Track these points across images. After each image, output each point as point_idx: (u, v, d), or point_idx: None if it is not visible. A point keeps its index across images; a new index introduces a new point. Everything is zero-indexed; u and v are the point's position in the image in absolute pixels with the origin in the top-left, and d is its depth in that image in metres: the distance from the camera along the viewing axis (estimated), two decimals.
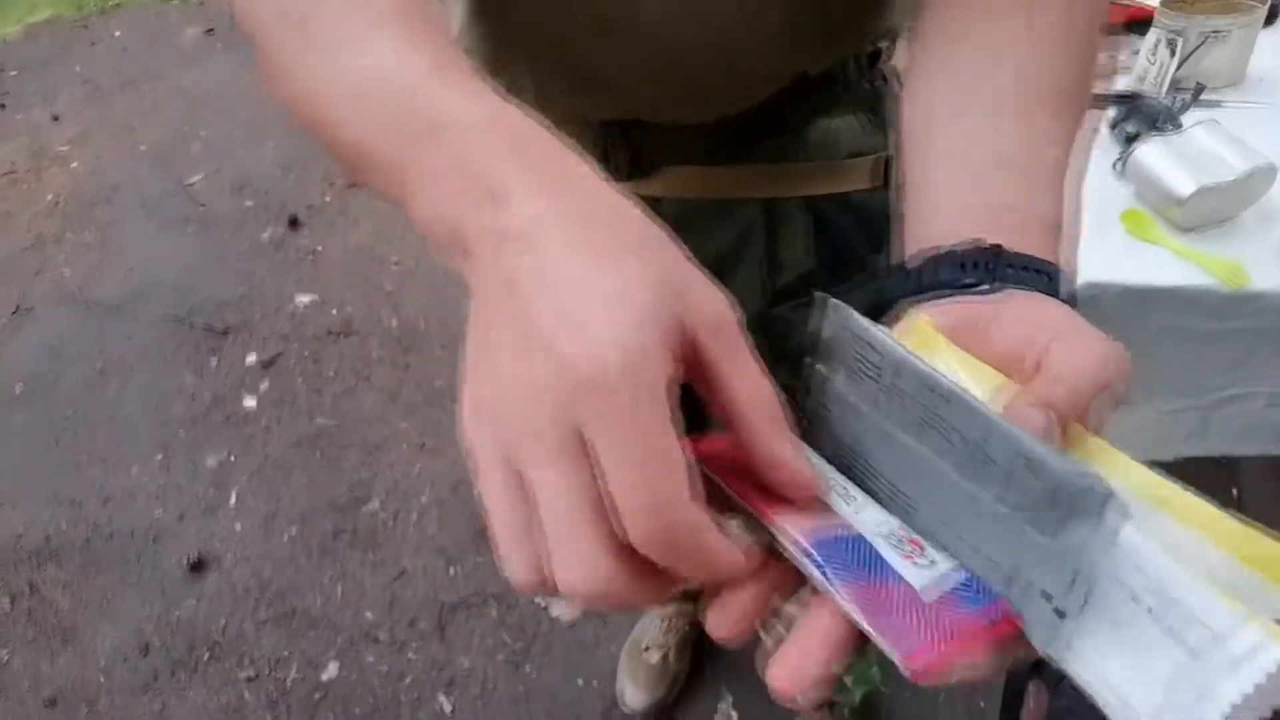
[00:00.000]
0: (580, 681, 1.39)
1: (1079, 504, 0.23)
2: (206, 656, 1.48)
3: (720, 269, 0.65)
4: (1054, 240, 0.36)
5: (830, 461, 0.31)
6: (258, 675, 1.45)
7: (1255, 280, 0.91)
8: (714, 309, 0.26)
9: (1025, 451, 0.24)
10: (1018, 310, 0.31)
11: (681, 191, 0.63)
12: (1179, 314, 0.94)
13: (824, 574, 0.26)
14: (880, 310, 0.35)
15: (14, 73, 3.06)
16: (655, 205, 0.60)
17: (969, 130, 0.39)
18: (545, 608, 1.50)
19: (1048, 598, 0.25)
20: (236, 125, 2.65)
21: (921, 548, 0.28)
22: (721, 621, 0.27)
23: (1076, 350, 0.29)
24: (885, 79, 0.64)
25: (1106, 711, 0.24)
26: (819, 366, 0.31)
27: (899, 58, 0.63)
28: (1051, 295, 0.33)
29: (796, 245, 0.65)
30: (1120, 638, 0.24)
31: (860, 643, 0.26)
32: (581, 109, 0.59)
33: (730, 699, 1.37)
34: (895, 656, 0.24)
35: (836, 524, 0.28)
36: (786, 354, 0.33)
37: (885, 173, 0.65)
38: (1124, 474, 0.27)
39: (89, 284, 2.18)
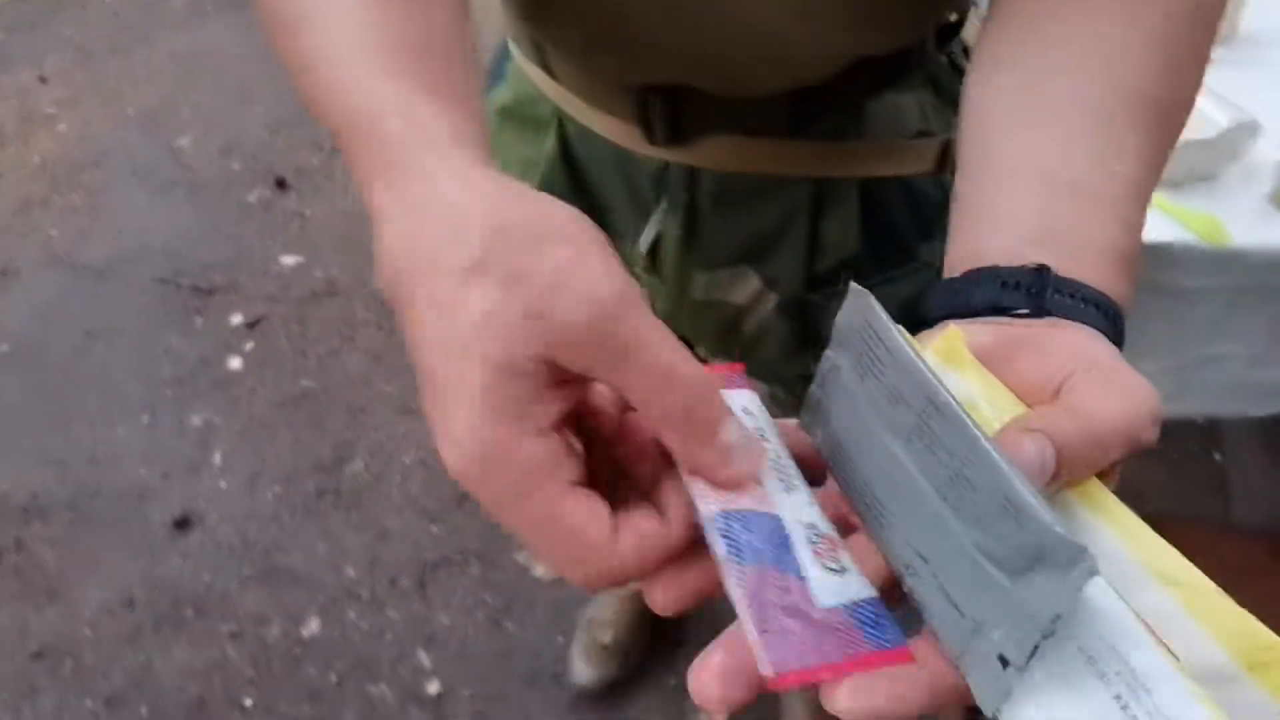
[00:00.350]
0: (560, 639, 1.40)
1: (1050, 554, 0.21)
2: (191, 613, 1.49)
3: (761, 248, 0.62)
4: (1114, 269, 0.32)
5: (819, 452, 0.30)
6: (241, 631, 1.47)
7: (1235, 237, 0.90)
8: (576, 331, 0.24)
9: (1008, 491, 0.22)
10: (1056, 340, 0.29)
11: (723, 164, 0.59)
12: (1157, 270, 0.93)
13: (724, 545, 0.24)
14: (913, 319, 0.32)
15: (1, 35, 3.03)
16: (693, 176, 0.59)
17: (1030, 142, 0.35)
18: (525, 567, 1.50)
19: (1004, 662, 0.22)
20: (225, 89, 2.62)
21: (836, 550, 0.26)
22: (656, 598, 0.26)
23: (1104, 387, 0.26)
24: (962, 53, 0.59)
25: None
26: (830, 353, 0.29)
27: (972, 30, 0.58)
28: (1101, 329, 0.30)
29: (843, 228, 0.60)
30: (1068, 704, 0.22)
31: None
32: (626, 70, 0.55)
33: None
34: (759, 655, 0.23)
35: (759, 501, 0.26)
36: (820, 341, 0.32)
37: (945, 157, 0.60)
38: (1134, 540, 0.25)
39: (76, 247, 2.17)
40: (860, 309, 0.27)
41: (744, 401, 0.30)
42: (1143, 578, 0.24)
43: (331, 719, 1.36)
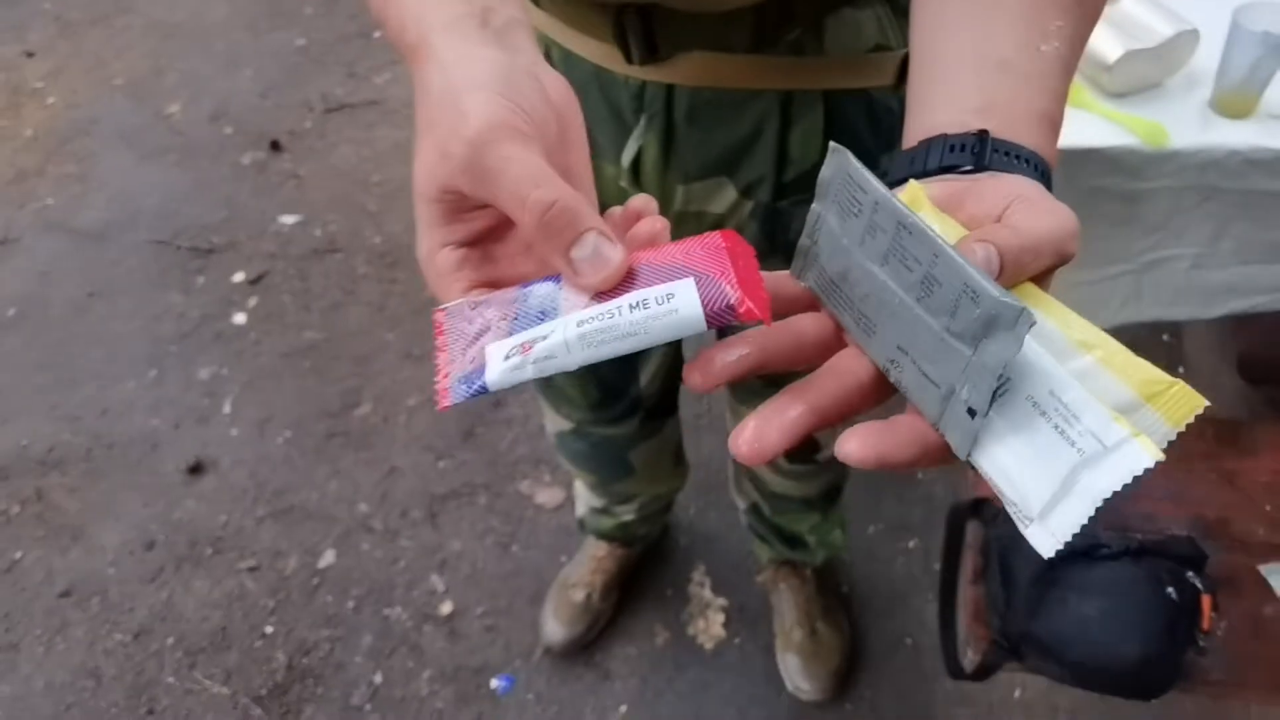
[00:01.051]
0: (564, 559, 1.48)
1: (999, 320, 0.27)
2: (209, 551, 1.56)
3: (734, 160, 0.67)
4: (1043, 131, 0.38)
5: (813, 292, 0.36)
6: (258, 565, 1.54)
7: (1174, 140, 0.98)
8: (457, 163, 0.32)
9: (966, 278, 0.28)
10: (994, 185, 0.35)
11: (697, 80, 0.63)
12: (1104, 175, 1.01)
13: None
14: None
15: None
16: (669, 93, 0.65)
17: (973, 32, 0.41)
18: (530, 496, 1.58)
19: (971, 413, 0.28)
20: (211, 55, 2.65)
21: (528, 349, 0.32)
22: (692, 375, 0.32)
23: (1035, 211, 0.32)
24: None
25: (1006, 505, 0.29)
26: (815, 206, 0.34)
27: None
28: (1032, 178, 0.36)
29: (807, 140, 0.65)
30: (1020, 439, 0.28)
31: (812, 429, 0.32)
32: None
33: (703, 567, 1.47)
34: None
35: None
36: (787, 246, 0.39)
37: (904, 71, 0.64)
38: (1062, 322, 0.31)
39: (72, 213, 2.21)
40: (840, 163, 0.33)
41: None
42: (1070, 347, 0.31)
43: (350, 640, 1.44)
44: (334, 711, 1.36)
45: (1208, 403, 0.29)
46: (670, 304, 0.31)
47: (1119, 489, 0.27)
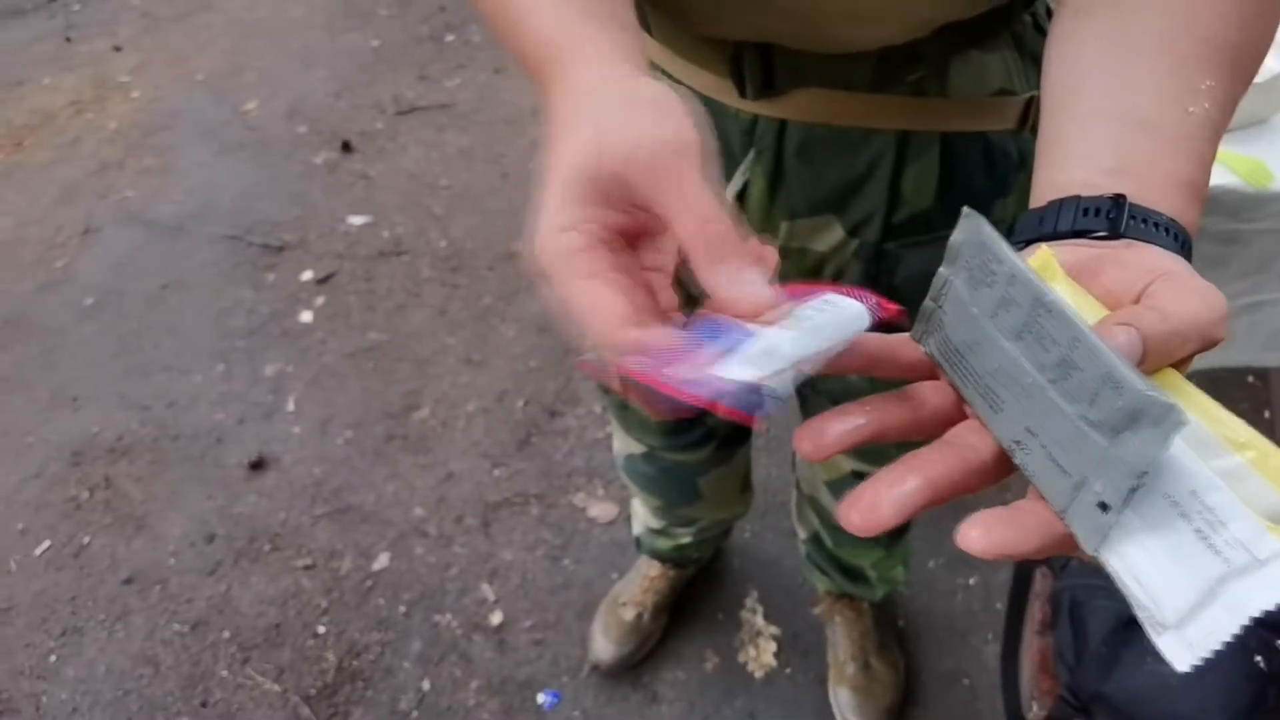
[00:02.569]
0: (615, 575, 1.47)
1: (1145, 415, 0.25)
2: (267, 547, 1.59)
3: (842, 197, 0.65)
4: (1183, 197, 0.36)
5: (933, 359, 0.34)
6: (314, 564, 1.56)
7: (1279, 180, 0.93)
8: (639, 158, 0.31)
9: (1110, 367, 0.26)
10: (1135, 256, 0.33)
11: (812, 116, 0.61)
12: (1201, 214, 0.96)
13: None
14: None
15: (77, 7, 3.15)
16: (780, 128, 0.64)
17: (1111, 85, 0.39)
18: (583, 509, 1.58)
19: (1104, 507, 0.26)
20: (288, 54, 2.71)
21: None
22: (802, 444, 0.31)
23: (1181, 291, 0.30)
24: (1045, 13, 0.61)
25: (1135, 609, 0.27)
26: (943, 270, 0.33)
27: None
28: (1171, 250, 0.34)
29: (922, 181, 0.63)
30: (1157, 540, 0.26)
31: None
32: (721, 28, 0.58)
33: (756, 594, 1.45)
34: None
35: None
36: (893, 288, 0.38)
37: (1027, 115, 0.62)
38: (1207, 415, 0.29)
39: (150, 206, 2.28)
40: (973, 229, 0.32)
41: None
42: (1217, 444, 0.29)
43: (400, 645, 1.44)
44: (381, 716, 1.37)
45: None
46: (836, 303, 0.32)
47: (1271, 608, 0.25)
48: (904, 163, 0.62)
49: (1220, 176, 0.94)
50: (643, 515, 1.28)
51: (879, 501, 0.29)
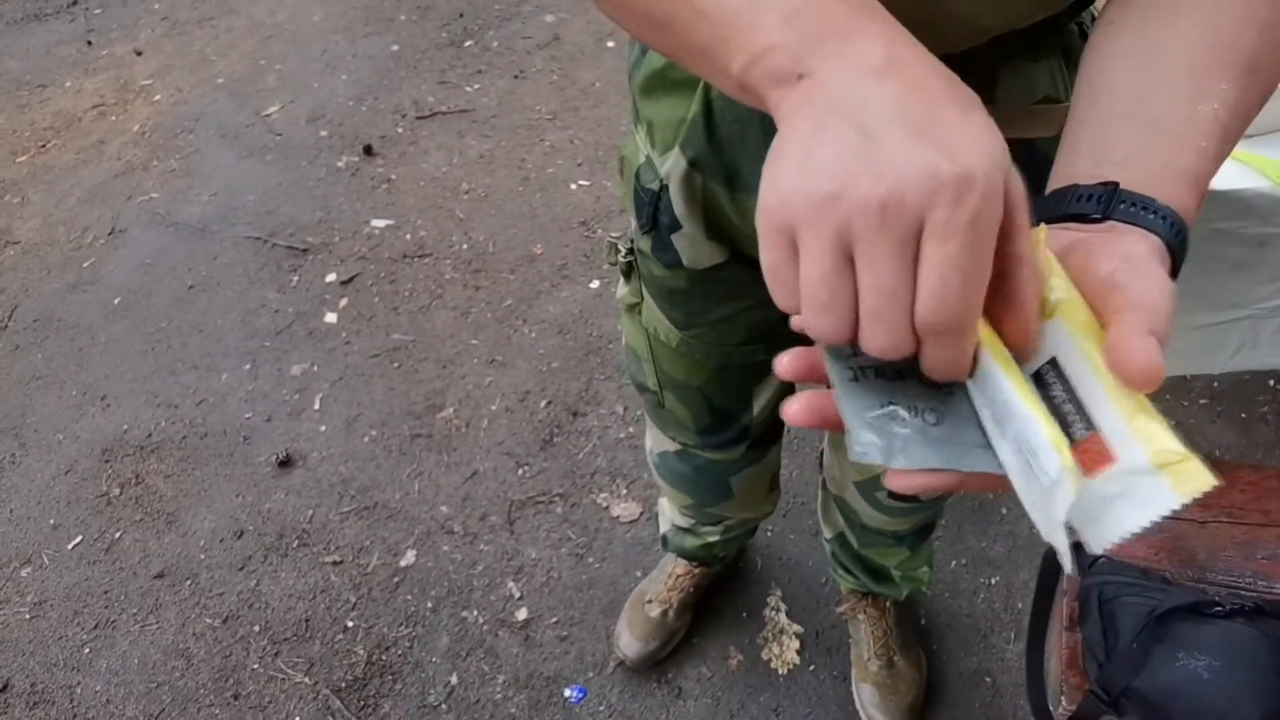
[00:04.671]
0: (639, 573, 1.48)
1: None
2: (295, 543, 1.61)
3: None
4: (1178, 185, 0.38)
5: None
6: (342, 560, 1.58)
7: None
8: (1020, 182, 0.31)
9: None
10: (1107, 241, 0.36)
11: None
12: (1230, 217, 0.97)
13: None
14: None
15: (98, 10, 3.18)
16: None
17: (1129, 89, 0.41)
18: (606, 508, 1.59)
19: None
20: (310, 58, 2.74)
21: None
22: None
23: (1145, 279, 0.34)
24: (1090, 22, 0.63)
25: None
26: None
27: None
28: (1161, 232, 0.37)
29: None
30: (1021, 481, 0.33)
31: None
32: None
33: (779, 593, 1.46)
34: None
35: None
36: None
37: None
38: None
39: (176, 207, 2.31)
40: None
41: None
42: (1108, 400, 0.33)
43: (428, 639, 1.46)
44: (411, 709, 1.39)
45: (1217, 482, 0.30)
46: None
47: (1063, 519, 0.30)
48: None
49: (1252, 180, 0.96)
50: (670, 513, 1.30)
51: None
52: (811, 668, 1.38)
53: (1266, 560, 0.99)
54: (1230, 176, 0.96)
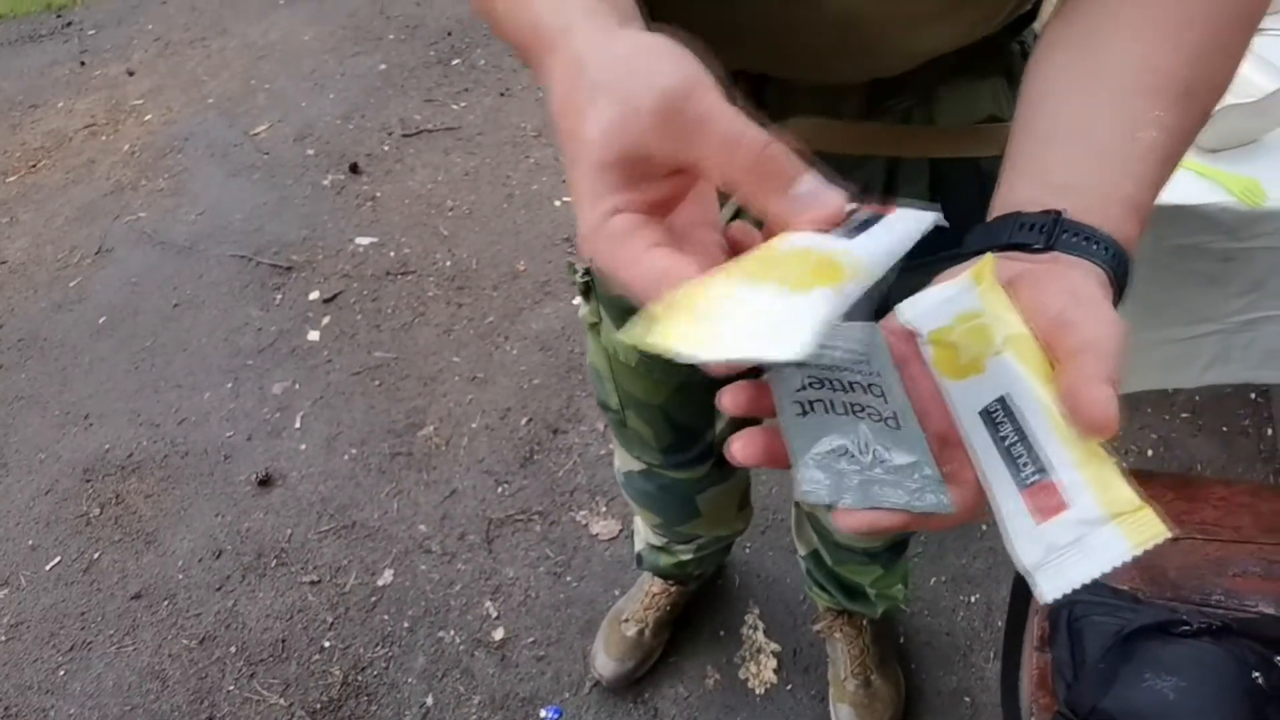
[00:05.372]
0: (616, 592, 1.47)
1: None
2: (274, 562, 1.60)
3: None
4: (1121, 213, 0.38)
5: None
6: (320, 580, 1.57)
7: (1273, 198, 0.94)
8: (652, 122, 0.30)
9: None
10: (1052, 277, 0.35)
11: (803, 144, 0.64)
12: (1197, 232, 0.97)
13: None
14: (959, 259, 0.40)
15: (92, 31, 3.21)
16: None
17: (1068, 111, 0.41)
18: (585, 525, 1.58)
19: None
20: (299, 78, 2.75)
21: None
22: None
23: (1096, 318, 0.33)
24: (1033, 41, 0.61)
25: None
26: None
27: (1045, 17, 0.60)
28: (1103, 262, 0.36)
29: None
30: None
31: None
32: (715, 57, 0.59)
33: (757, 610, 1.45)
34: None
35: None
36: (886, 308, 0.38)
37: None
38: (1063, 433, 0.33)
39: (163, 226, 2.31)
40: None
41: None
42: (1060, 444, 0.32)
43: (404, 660, 1.45)
44: None
45: (1170, 534, 0.30)
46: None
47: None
48: (895, 188, 0.64)
49: (1216, 195, 0.95)
50: (644, 532, 1.29)
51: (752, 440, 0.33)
52: (789, 686, 1.37)
53: (1238, 577, 0.97)
54: (1195, 192, 0.96)
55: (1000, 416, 0.33)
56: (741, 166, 0.30)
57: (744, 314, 0.28)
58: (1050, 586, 0.31)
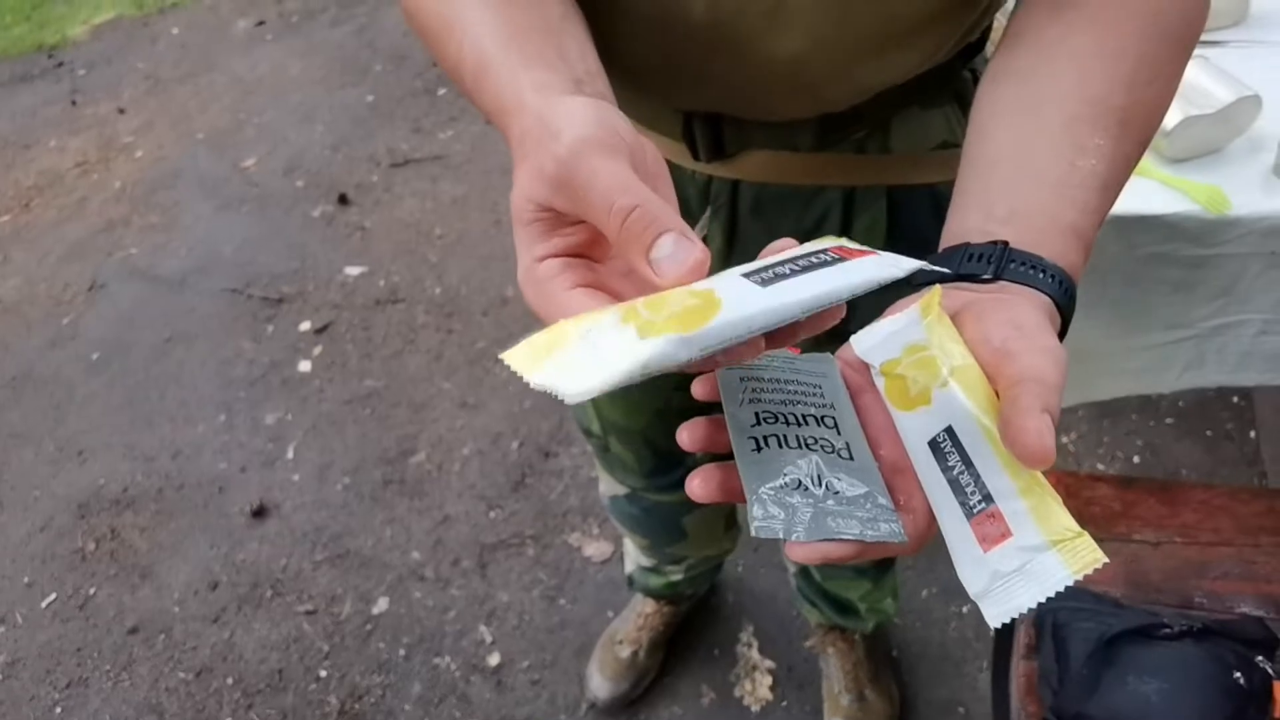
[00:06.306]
0: (610, 614, 1.48)
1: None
2: (269, 593, 1.61)
3: None
4: (1065, 241, 0.39)
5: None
6: (315, 610, 1.57)
7: (1237, 206, 0.96)
8: (558, 177, 0.33)
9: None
10: (997, 308, 0.36)
11: (762, 177, 0.64)
12: (1164, 241, 0.99)
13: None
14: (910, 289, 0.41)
15: (83, 71, 3.24)
16: (734, 188, 0.67)
17: (1010, 141, 0.43)
18: (578, 548, 1.59)
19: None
20: (287, 110, 2.78)
21: None
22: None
23: (1034, 350, 0.33)
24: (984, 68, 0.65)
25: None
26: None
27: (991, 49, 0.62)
28: (1049, 290, 0.37)
29: (871, 234, 0.65)
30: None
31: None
32: (673, 99, 0.62)
33: (751, 628, 1.45)
34: None
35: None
36: (844, 336, 0.40)
37: None
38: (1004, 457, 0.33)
39: (155, 261, 2.33)
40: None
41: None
42: (1003, 473, 0.33)
43: (400, 688, 1.45)
44: None
45: (1106, 559, 0.31)
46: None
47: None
48: (852, 216, 0.65)
49: (1181, 204, 0.97)
50: (634, 554, 1.30)
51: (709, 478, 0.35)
52: (784, 703, 1.37)
53: (1219, 579, 0.98)
54: (1162, 201, 0.97)
55: (948, 447, 0.34)
56: (613, 230, 0.32)
57: (578, 351, 0.29)
58: (996, 612, 0.32)
